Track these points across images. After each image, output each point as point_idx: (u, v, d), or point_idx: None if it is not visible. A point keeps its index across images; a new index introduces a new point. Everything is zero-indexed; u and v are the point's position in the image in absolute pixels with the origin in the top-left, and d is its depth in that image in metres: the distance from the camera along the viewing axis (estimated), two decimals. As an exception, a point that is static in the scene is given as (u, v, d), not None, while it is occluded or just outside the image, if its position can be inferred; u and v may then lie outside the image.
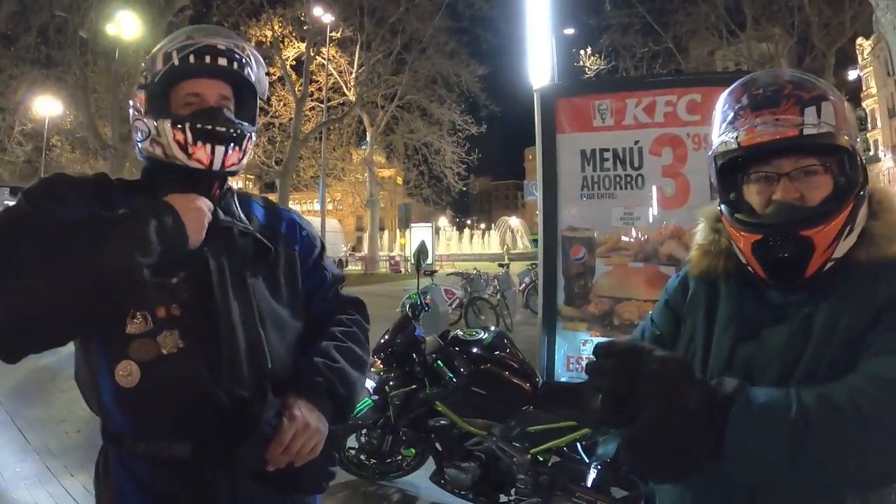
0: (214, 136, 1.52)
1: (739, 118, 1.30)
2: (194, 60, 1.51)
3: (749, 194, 1.34)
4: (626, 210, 4.67)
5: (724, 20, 24.60)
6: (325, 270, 1.83)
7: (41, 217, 1.34)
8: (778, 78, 1.33)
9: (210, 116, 1.53)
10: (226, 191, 1.68)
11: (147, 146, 1.55)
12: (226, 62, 1.55)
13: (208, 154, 1.52)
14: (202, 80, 1.55)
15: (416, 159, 37.27)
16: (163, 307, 1.42)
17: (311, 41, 28.77)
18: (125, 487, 1.45)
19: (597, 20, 26.07)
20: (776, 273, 1.30)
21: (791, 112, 1.25)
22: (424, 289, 9.67)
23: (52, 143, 30.75)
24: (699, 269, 1.49)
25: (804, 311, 1.27)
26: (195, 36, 1.55)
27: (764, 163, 1.29)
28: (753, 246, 1.29)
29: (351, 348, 1.71)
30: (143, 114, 1.56)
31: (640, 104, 4.58)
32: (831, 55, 22.57)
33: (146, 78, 1.56)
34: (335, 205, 61.55)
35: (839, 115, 1.26)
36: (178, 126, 1.50)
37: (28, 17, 19.98)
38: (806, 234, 1.23)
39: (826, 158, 1.26)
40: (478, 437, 3.98)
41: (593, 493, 3.59)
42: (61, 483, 4.78)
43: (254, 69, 1.62)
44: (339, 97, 33.62)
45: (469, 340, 4.24)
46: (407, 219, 32.39)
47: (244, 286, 1.55)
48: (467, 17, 30.25)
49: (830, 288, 1.27)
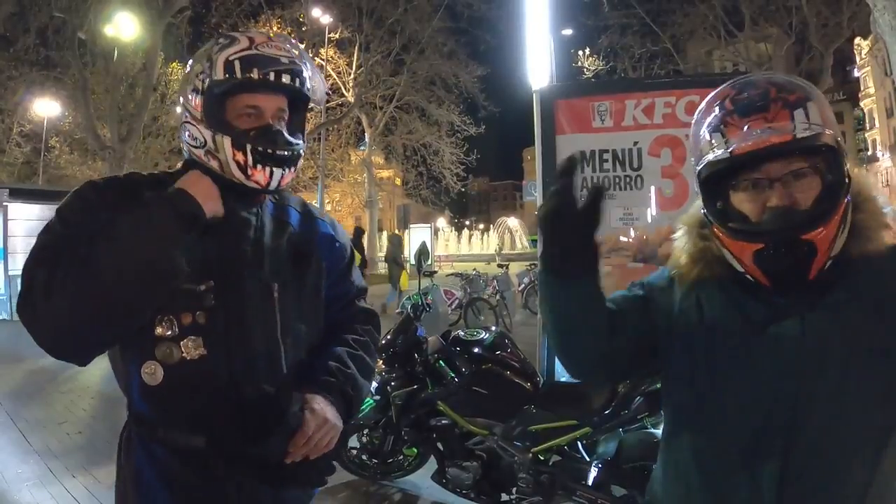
0: (274, 160, 1.54)
1: (729, 126, 1.28)
2: (258, 76, 1.50)
3: (739, 202, 1.31)
4: (626, 211, 4.69)
5: (721, 21, 24.57)
6: (351, 282, 1.87)
7: (75, 242, 1.37)
8: (761, 82, 1.31)
9: (271, 139, 1.54)
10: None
11: (201, 155, 1.55)
12: (289, 79, 1.53)
13: (266, 177, 1.54)
14: (262, 94, 1.54)
15: (414, 160, 37.20)
16: (189, 314, 1.47)
17: (309, 42, 28.71)
18: (144, 468, 1.51)
19: (595, 21, 26.02)
20: (781, 280, 1.28)
21: (781, 116, 1.23)
22: (425, 289, 9.70)
23: (50, 144, 30.68)
24: (691, 278, 1.45)
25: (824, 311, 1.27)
26: (259, 45, 1.53)
27: (753, 169, 1.27)
28: (755, 255, 1.26)
29: (362, 357, 1.75)
30: (198, 121, 1.55)
31: (639, 105, 4.61)
32: (829, 55, 22.54)
33: (203, 82, 1.54)
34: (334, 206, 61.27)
35: (823, 113, 1.25)
36: (239, 147, 1.51)
37: (27, 19, 19.96)
38: (807, 238, 1.22)
39: (814, 159, 1.25)
40: (479, 436, 4.00)
41: (594, 492, 3.60)
42: (63, 484, 4.79)
43: (311, 79, 1.61)
44: (337, 98, 33.56)
45: (470, 340, 4.25)
46: (406, 220, 32.39)
47: (270, 299, 1.58)
48: (466, 17, 30.22)
49: (831, 284, 1.27)
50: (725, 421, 1.34)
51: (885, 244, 1.29)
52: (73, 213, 1.44)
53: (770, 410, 1.27)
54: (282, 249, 1.65)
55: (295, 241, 1.69)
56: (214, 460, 1.50)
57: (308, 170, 36.47)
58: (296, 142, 1.60)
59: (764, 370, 1.28)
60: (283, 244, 1.66)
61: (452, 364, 4.14)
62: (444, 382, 4.13)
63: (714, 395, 1.35)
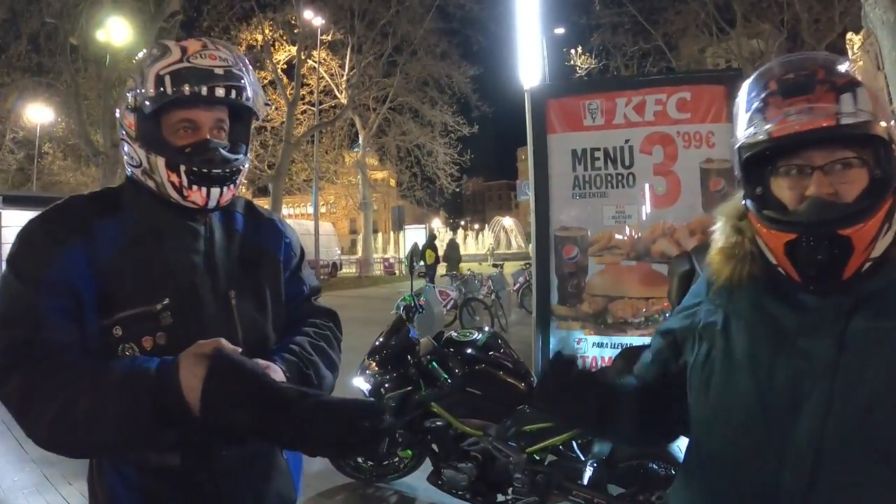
0: (211, 180, 1.47)
1: (769, 106, 1.18)
2: (189, 90, 1.41)
3: (778, 189, 1.22)
4: (618, 209, 4.71)
5: (713, 18, 24.63)
6: (303, 282, 1.80)
7: (45, 326, 1.32)
8: (809, 61, 1.21)
9: (207, 158, 1.46)
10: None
11: (139, 175, 1.49)
12: (223, 93, 1.44)
13: (204, 197, 1.47)
14: (198, 107, 1.46)
15: (408, 161, 37.30)
16: (149, 337, 1.40)
17: (301, 44, 28.75)
18: (118, 489, 1.47)
19: (587, 19, 26.12)
20: (812, 276, 1.17)
21: (826, 99, 1.13)
22: (418, 290, 9.69)
23: (43, 150, 30.67)
24: (724, 276, 1.33)
25: (857, 324, 1.15)
26: (191, 55, 1.44)
27: (794, 154, 1.18)
28: (787, 246, 1.17)
29: (324, 348, 1.68)
30: (133, 139, 1.48)
31: (630, 103, 4.62)
32: (821, 50, 22.61)
33: (135, 99, 1.45)
34: (328, 208, 61.54)
35: (875, 102, 1.14)
36: (173, 168, 1.44)
37: (18, 25, 19.97)
38: (844, 234, 1.12)
39: (861, 150, 1.15)
40: (474, 437, 3.99)
41: (590, 491, 3.60)
42: (59, 492, 4.76)
43: (251, 87, 1.51)
44: (330, 100, 33.60)
45: (463, 341, 4.25)
46: (400, 221, 32.41)
47: (228, 307, 1.53)
48: (458, 18, 30.34)
49: (871, 290, 1.16)
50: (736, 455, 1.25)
51: None
52: (27, 264, 1.38)
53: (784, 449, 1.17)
54: (233, 255, 1.59)
55: (246, 244, 1.64)
56: (191, 474, 1.46)
57: (302, 172, 36.61)
58: (234, 157, 1.52)
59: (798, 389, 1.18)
60: (234, 249, 1.60)
61: (445, 365, 4.13)
62: (437, 384, 4.12)
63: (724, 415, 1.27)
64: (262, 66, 29.76)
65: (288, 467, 1.70)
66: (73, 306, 1.36)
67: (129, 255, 1.43)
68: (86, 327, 1.37)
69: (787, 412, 1.17)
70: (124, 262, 1.42)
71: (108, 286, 1.39)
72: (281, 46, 30.47)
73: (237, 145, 1.56)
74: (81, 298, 1.36)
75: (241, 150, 1.57)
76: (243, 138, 1.59)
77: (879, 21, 8.73)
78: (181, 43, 1.47)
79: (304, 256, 1.85)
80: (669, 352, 1.46)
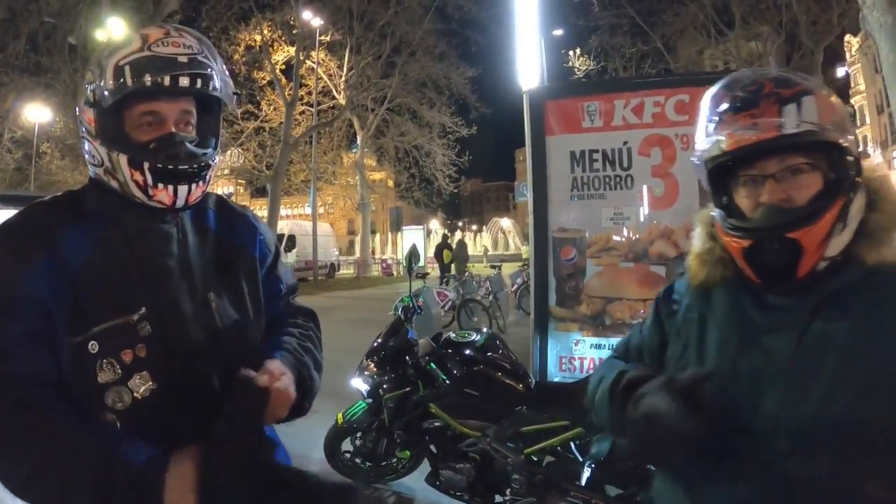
0: (177, 176, 1.37)
1: (722, 122, 1.26)
2: (151, 81, 1.30)
3: (739, 197, 1.31)
4: (616, 210, 4.71)
5: (712, 19, 24.70)
6: (280, 280, 1.74)
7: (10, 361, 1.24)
8: (759, 76, 1.29)
9: (172, 154, 1.36)
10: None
11: (101, 174, 1.40)
12: (188, 82, 1.34)
13: (171, 196, 1.38)
14: (162, 99, 1.36)
15: (406, 162, 37.32)
16: (129, 350, 1.33)
17: (300, 45, 28.75)
18: None
19: (585, 21, 26.15)
20: (768, 278, 1.27)
21: (770, 113, 1.21)
22: (416, 291, 9.69)
23: (41, 150, 30.66)
24: (699, 280, 1.43)
25: (817, 324, 1.22)
26: (152, 44, 1.34)
27: (750, 165, 1.26)
28: (744, 251, 1.27)
29: (311, 349, 1.64)
30: (93, 136, 1.39)
31: (629, 105, 4.62)
32: (819, 52, 22.67)
33: (94, 93, 1.36)
34: (326, 208, 61.47)
35: (823, 110, 1.22)
36: (136, 166, 1.34)
37: (17, 24, 19.96)
38: (792, 237, 1.20)
39: (812, 155, 1.22)
40: (472, 438, 3.99)
41: (588, 492, 3.60)
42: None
43: (218, 76, 1.40)
44: (328, 101, 33.61)
45: (461, 342, 4.24)
46: (398, 222, 32.41)
47: (208, 309, 1.46)
48: (456, 19, 30.36)
49: (833, 289, 1.23)
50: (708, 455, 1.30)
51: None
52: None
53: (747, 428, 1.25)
54: (209, 256, 1.52)
55: (221, 243, 1.56)
56: None
57: (300, 173, 36.61)
58: (202, 152, 1.42)
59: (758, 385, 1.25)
60: (208, 249, 1.53)
61: (444, 366, 4.13)
62: (435, 385, 4.12)
63: None
64: (261, 66, 29.80)
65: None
66: (43, 327, 1.28)
67: (98, 264, 1.35)
68: (58, 348, 1.29)
69: (749, 407, 1.25)
70: (94, 271, 1.34)
71: (80, 299, 1.31)
72: (279, 47, 30.44)
73: (206, 138, 1.47)
74: (52, 316, 1.29)
75: (211, 143, 1.48)
76: (213, 131, 1.50)
77: (877, 24, 8.75)
78: (142, 31, 1.38)
79: (280, 254, 1.78)
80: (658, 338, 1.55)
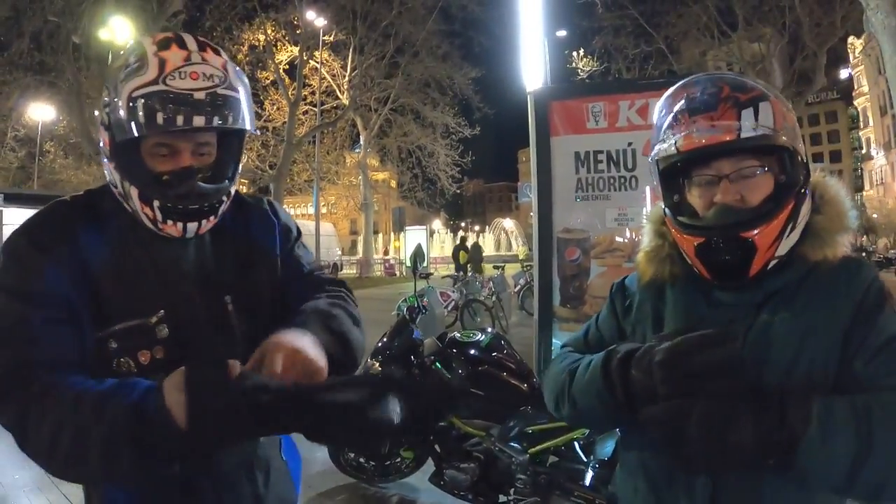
0: (186, 215, 1.36)
1: (678, 123, 1.29)
2: (163, 119, 1.24)
3: (691, 197, 1.34)
4: (621, 211, 4.70)
5: (715, 21, 24.69)
6: (300, 260, 1.67)
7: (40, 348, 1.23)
8: (716, 80, 1.32)
9: (181, 194, 1.34)
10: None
11: (118, 194, 1.39)
12: (203, 122, 1.26)
13: (179, 230, 1.38)
14: (175, 135, 1.31)
15: (409, 162, 37.34)
16: (146, 351, 1.34)
17: (304, 45, 28.79)
18: (115, 497, 1.41)
19: (589, 22, 26.13)
20: (720, 274, 1.31)
21: (728, 116, 1.24)
22: (421, 291, 9.69)
23: (45, 148, 30.76)
24: (647, 277, 1.48)
25: (762, 317, 1.28)
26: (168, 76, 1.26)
27: (704, 165, 1.29)
28: (697, 249, 1.30)
29: (344, 306, 1.58)
30: (108, 158, 1.37)
31: (633, 106, 4.62)
32: (822, 54, 22.64)
33: (108, 117, 1.31)
34: (329, 208, 61.55)
35: (777, 116, 1.26)
36: (146, 201, 1.33)
37: (21, 23, 19.93)
38: (746, 236, 1.24)
39: (765, 159, 1.27)
40: (476, 437, 4.00)
41: (591, 492, 3.60)
42: (60, 490, 4.77)
43: (242, 103, 1.34)
44: (332, 101, 33.62)
45: (467, 342, 4.25)
46: (401, 222, 32.44)
47: (225, 312, 1.46)
48: (460, 20, 30.38)
49: (777, 287, 1.29)
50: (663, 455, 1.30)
51: (841, 252, 1.29)
52: (14, 277, 1.29)
53: None
54: (225, 257, 1.51)
55: (236, 242, 1.55)
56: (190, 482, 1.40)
57: (303, 173, 36.67)
58: (215, 188, 1.40)
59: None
60: (225, 251, 1.52)
61: (449, 366, 4.14)
62: (440, 384, 4.13)
63: None
64: (265, 66, 29.81)
65: (287, 468, 1.68)
66: (67, 318, 1.28)
67: (116, 266, 1.35)
68: (83, 340, 1.29)
69: None
70: (112, 272, 1.34)
71: (99, 298, 1.32)
72: (283, 47, 30.49)
73: (225, 166, 1.45)
74: (76, 310, 1.29)
75: (229, 171, 1.46)
76: (234, 156, 1.47)
77: (881, 26, 8.75)
78: (161, 53, 1.30)
79: (300, 234, 1.73)
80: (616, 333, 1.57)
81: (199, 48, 1.34)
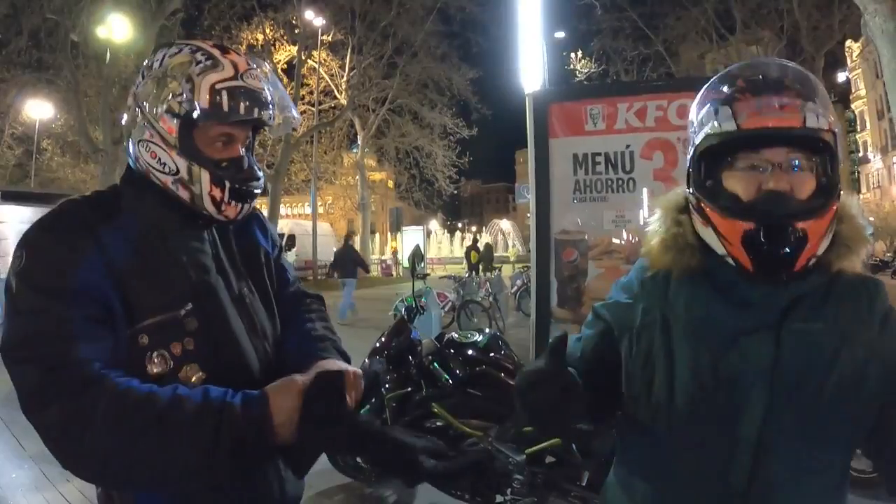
0: (247, 196, 1.49)
1: (737, 101, 1.20)
2: (245, 111, 1.40)
3: (732, 181, 1.24)
4: (618, 213, 4.72)
5: (713, 24, 24.78)
6: (285, 269, 1.79)
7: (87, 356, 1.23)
8: (780, 65, 1.25)
9: (247, 176, 1.48)
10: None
11: (168, 182, 1.43)
12: (269, 117, 1.46)
13: (237, 211, 1.48)
14: (237, 125, 1.45)
15: (407, 163, 37.35)
16: (178, 343, 1.37)
17: (302, 45, 28.76)
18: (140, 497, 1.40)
19: (588, 24, 26.21)
20: (766, 265, 1.20)
21: (794, 103, 1.17)
22: (419, 292, 9.69)
23: (42, 146, 30.63)
24: (661, 264, 1.38)
25: (796, 325, 1.22)
26: (243, 74, 1.42)
27: (753, 151, 1.21)
28: (745, 235, 1.19)
29: (336, 341, 1.68)
30: (170, 146, 1.41)
31: (632, 109, 4.63)
32: (820, 58, 22.75)
33: (180, 105, 1.38)
34: (326, 208, 61.40)
35: (830, 113, 1.20)
36: (218, 182, 1.42)
37: (19, 21, 19.93)
38: (801, 226, 1.16)
39: (813, 156, 1.21)
40: (474, 437, 4.01)
41: (589, 492, 3.62)
42: (58, 489, 4.77)
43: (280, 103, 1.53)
44: (330, 101, 33.61)
45: (464, 343, 4.26)
46: (398, 222, 32.41)
47: (245, 304, 1.54)
48: (458, 20, 30.40)
49: (803, 291, 1.24)
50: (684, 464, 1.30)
51: (860, 265, 1.27)
52: (45, 275, 1.28)
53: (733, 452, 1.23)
54: (234, 252, 1.60)
55: (240, 240, 1.63)
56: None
57: (301, 173, 36.60)
58: (262, 175, 1.55)
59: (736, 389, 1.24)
60: (233, 248, 1.60)
61: (447, 366, 4.15)
62: (438, 384, 4.14)
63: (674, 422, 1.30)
64: (263, 65, 29.74)
65: None
66: (105, 316, 1.29)
67: (141, 262, 1.37)
68: (119, 337, 1.31)
69: (731, 413, 1.23)
70: (137, 269, 1.36)
71: (127, 295, 1.33)
72: (281, 46, 30.47)
73: (251, 161, 1.56)
74: (110, 307, 1.30)
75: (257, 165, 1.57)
76: (253, 152, 1.60)
77: (879, 30, 8.80)
78: (227, 56, 1.43)
79: (282, 246, 1.85)
80: (605, 345, 1.48)
81: (251, 58, 1.50)
